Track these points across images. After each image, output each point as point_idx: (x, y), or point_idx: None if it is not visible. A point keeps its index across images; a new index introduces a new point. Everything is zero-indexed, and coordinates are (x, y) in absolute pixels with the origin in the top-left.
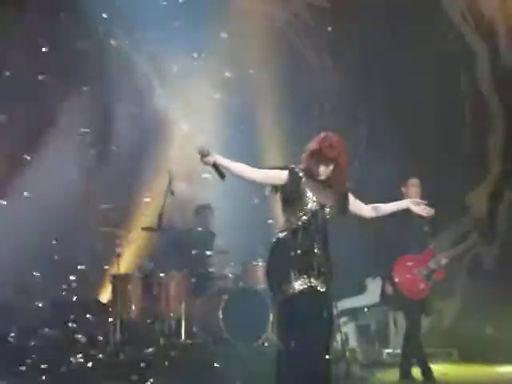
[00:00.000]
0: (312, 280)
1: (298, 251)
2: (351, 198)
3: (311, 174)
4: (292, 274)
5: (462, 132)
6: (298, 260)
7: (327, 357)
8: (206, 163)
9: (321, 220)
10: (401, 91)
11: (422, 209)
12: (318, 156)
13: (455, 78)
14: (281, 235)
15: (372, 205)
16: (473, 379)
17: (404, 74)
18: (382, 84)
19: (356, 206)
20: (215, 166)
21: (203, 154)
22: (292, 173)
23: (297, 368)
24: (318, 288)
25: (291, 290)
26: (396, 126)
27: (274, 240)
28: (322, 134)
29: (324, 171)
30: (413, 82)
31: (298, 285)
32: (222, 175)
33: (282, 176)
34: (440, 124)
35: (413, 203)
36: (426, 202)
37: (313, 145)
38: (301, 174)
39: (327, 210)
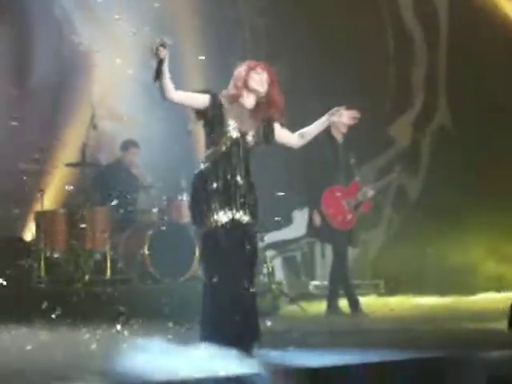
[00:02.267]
0: (235, 212)
1: (220, 182)
2: (277, 126)
3: (235, 100)
4: (214, 206)
5: (386, 64)
6: (220, 192)
7: (252, 290)
8: (158, 53)
9: (243, 149)
10: (325, 23)
11: (345, 116)
12: (245, 81)
13: (378, 10)
14: (202, 166)
15: (298, 132)
16: (399, 310)
17: (328, 7)
18: (305, 16)
19: (282, 134)
20: (159, 65)
21: (162, 45)
22: (214, 98)
23: (221, 302)
24: (241, 219)
25: (214, 223)
26: (319, 58)
27: (195, 172)
28: (252, 61)
29: (249, 97)
30: (337, 15)
31: (221, 217)
32: (157, 76)
33: (204, 99)
34: (364, 57)
35: (334, 114)
36: (343, 106)
37: (241, 69)
38: (223, 101)
39: (249, 138)
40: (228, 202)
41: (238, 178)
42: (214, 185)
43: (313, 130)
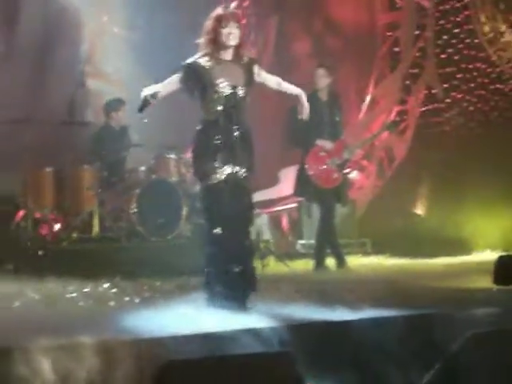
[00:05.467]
0: (234, 166)
1: (220, 138)
2: (256, 68)
3: (212, 57)
4: (216, 162)
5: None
6: (221, 148)
7: (249, 243)
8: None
9: (237, 103)
10: None
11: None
12: (215, 38)
13: None
14: (203, 124)
15: (277, 78)
16: (385, 270)
17: None
18: None
19: (262, 76)
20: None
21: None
22: (188, 67)
23: (223, 252)
24: (240, 174)
25: (215, 178)
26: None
27: (197, 129)
28: (219, 10)
29: (230, 34)
30: None
31: (222, 172)
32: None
33: (173, 80)
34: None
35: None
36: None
37: (208, 25)
38: (203, 64)
39: (240, 90)
40: (228, 158)
41: (236, 133)
42: (215, 141)
43: (289, 89)
